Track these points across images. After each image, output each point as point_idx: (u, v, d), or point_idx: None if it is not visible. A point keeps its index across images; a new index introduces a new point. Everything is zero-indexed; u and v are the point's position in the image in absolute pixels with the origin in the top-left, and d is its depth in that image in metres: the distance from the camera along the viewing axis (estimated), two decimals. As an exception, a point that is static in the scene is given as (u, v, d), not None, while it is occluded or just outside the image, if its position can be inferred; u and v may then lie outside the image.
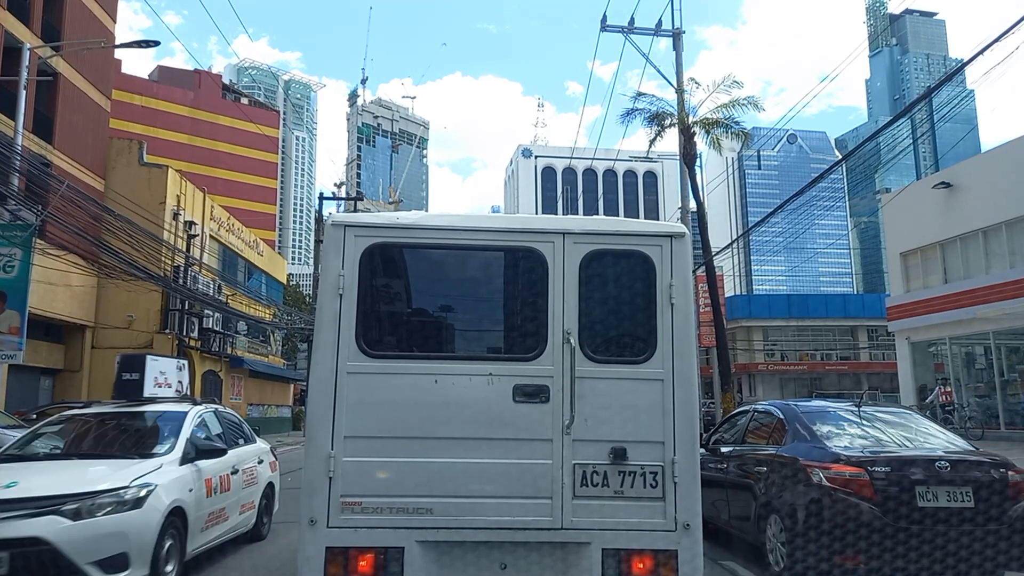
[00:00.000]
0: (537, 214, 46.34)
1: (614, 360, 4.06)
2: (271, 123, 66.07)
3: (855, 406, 6.77)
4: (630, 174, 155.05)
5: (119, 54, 44.18)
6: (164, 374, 21.00)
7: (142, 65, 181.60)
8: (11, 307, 16.19)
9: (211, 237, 31.09)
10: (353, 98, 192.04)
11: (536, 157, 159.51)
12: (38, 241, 17.38)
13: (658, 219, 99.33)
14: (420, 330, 4.34)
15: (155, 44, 19.64)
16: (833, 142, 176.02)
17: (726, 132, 20.11)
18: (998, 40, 10.21)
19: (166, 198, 26.85)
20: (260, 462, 8.10)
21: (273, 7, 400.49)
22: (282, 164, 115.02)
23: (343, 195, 53.98)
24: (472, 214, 5.08)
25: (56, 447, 6.68)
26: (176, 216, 27.26)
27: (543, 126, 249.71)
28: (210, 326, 29.37)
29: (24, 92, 18.55)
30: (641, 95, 20.67)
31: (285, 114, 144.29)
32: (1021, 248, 21.13)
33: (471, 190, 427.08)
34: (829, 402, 7.77)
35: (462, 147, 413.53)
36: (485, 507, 3.83)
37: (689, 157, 19.68)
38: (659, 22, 19.61)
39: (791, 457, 6.08)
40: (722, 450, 7.56)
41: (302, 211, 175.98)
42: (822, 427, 6.27)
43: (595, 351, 4.03)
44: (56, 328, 24.18)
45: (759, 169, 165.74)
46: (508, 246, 4.21)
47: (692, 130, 19.60)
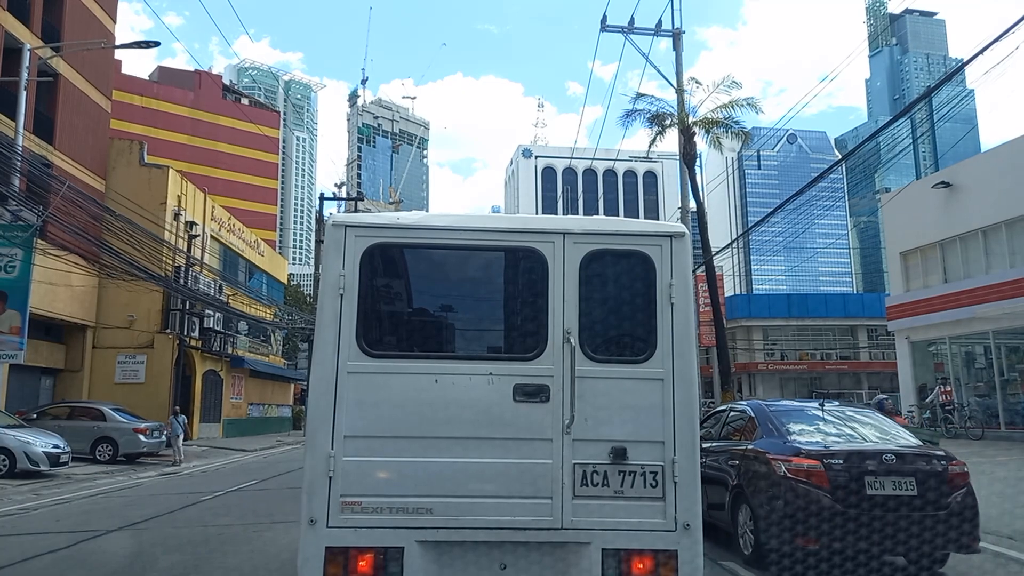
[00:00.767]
0: (537, 214, 46.34)
1: (614, 360, 4.06)
2: (271, 123, 66.05)
3: (819, 406, 7.39)
4: (630, 174, 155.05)
5: (119, 54, 44.24)
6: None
7: (143, 65, 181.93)
8: (12, 307, 16.21)
9: (212, 237, 31.11)
10: (353, 98, 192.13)
11: (536, 157, 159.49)
12: (39, 241, 17.39)
13: (658, 219, 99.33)
14: (420, 330, 4.34)
15: (155, 45, 19.66)
16: (833, 142, 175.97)
17: (726, 132, 20.13)
18: (998, 40, 10.22)
19: (167, 198, 26.86)
20: None
21: (275, 8, 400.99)
22: (282, 164, 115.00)
23: (343, 195, 53.95)
24: (472, 214, 5.08)
25: None
26: (177, 216, 27.27)
27: (543, 126, 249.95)
28: (211, 326, 29.39)
29: (24, 93, 18.57)
30: (641, 96, 20.71)
31: (285, 114, 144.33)
32: (1021, 248, 21.12)
33: (471, 190, 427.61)
34: (796, 402, 8.43)
35: (463, 147, 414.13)
36: (485, 507, 3.83)
37: (689, 157, 19.69)
38: (659, 22, 19.64)
39: (759, 451, 6.72)
40: (702, 445, 7.97)
41: (303, 211, 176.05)
42: (788, 424, 6.92)
43: (595, 351, 4.03)
44: (57, 328, 24.20)
45: (759, 169, 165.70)
46: (508, 246, 4.21)
47: (692, 130, 19.61)
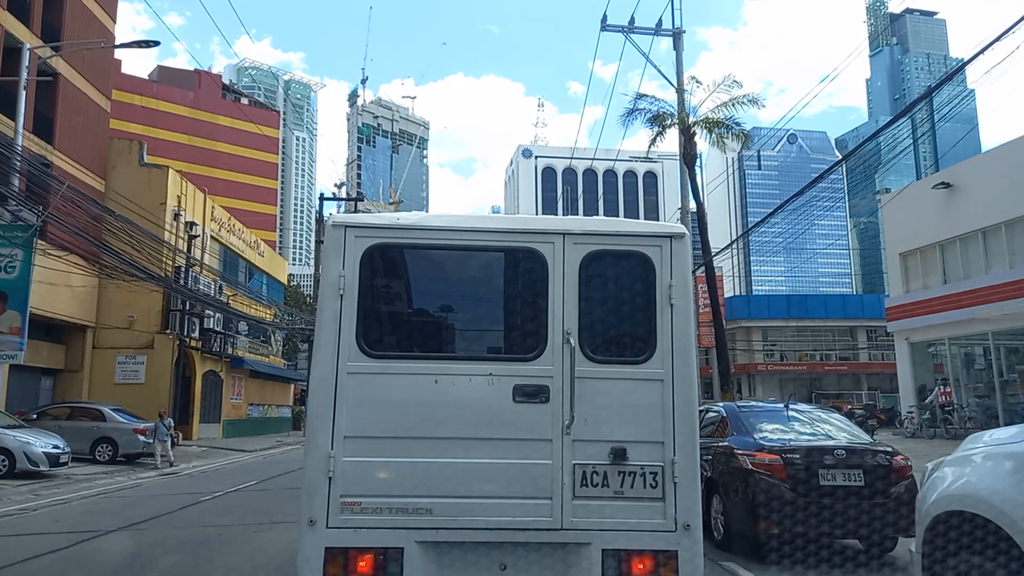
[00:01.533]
0: (537, 214, 46.36)
1: (614, 360, 4.06)
2: (271, 123, 66.04)
3: (785, 407, 8.25)
4: (630, 174, 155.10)
5: (119, 54, 44.22)
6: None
7: (144, 65, 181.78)
8: (12, 307, 16.20)
9: (212, 238, 31.11)
10: (353, 98, 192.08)
11: (536, 157, 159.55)
12: (39, 242, 17.39)
13: (658, 219, 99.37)
14: (420, 330, 4.34)
15: (155, 44, 19.67)
16: (833, 142, 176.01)
17: (727, 132, 20.14)
18: (998, 40, 10.22)
19: (166, 198, 26.86)
20: None
21: (277, 7, 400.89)
22: (282, 164, 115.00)
23: (343, 195, 53.89)
24: (472, 215, 5.08)
25: None
26: (177, 216, 27.27)
27: (543, 126, 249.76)
28: (211, 326, 29.40)
29: (24, 92, 18.56)
30: (642, 96, 20.70)
31: (285, 114, 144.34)
32: (1021, 248, 21.13)
33: (472, 190, 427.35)
34: (764, 403, 9.21)
35: (463, 147, 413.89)
36: (485, 507, 3.83)
37: (689, 157, 19.69)
38: (659, 22, 19.63)
39: (728, 446, 7.48)
40: None
41: (303, 212, 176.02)
42: (755, 423, 7.71)
43: (595, 351, 4.02)
44: (57, 328, 24.19)
45: (759, 169, 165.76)
46: (508, 247, 4.21)
47: (692, 130, 19.61)
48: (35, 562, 7.17)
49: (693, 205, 20.14)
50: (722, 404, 8.93)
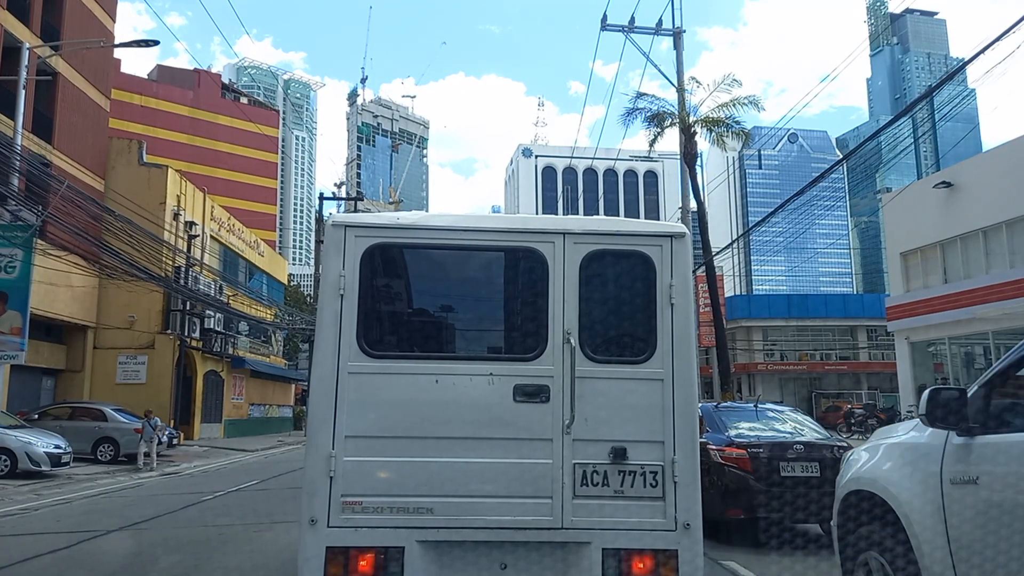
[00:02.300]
0: (537, 214, 46.35)
1: (614, 360, 4.06)
2: (271, 123, 66.07)
3: (754, 407, 9.12)
4: (631, 174, 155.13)
5: (119, 54, 44.23)
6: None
7: (144, 65, 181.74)
8: (12, 308, 16.20)
9: (212, 237, 31.11)
10: (353, 97, 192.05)
11: (536, 157, 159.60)
12: (39, 242, 17.39)
13: (658, 219, 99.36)
14: (421, 330, 4.34)
15: (154, 44, 19.64)
16: (834, 141, 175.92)
17: (727, 131, 20.14)
18: (999, 39, 10.22)
19: (166, 198, 26.86)
20: None
21: (278, 7, 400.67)
22: (282, 164, 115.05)
23: (343, 195, 53.94)
24: (472, 214, 5.08)
25: None
26: (176, 216, 27.27)
27: (544, 125, 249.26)
28: (211, 326, 29.40)
29: (24, 92, 18.56)
30: (642, 95, 20.72)
31: (285, 114, 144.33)
32: (1021, 248, 21.13)
33: (472, 190, 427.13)
34: (738, 404, 10.16)
35: (464, 147, 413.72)
36: (485, 507, 3.83)
37: (690, 156, 19.69)
38: (659, 21, 19.64)
39: (704, 442, 7.82)
40: None
41: (302, 211, 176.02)
42: (727, 421, 8.42)
43: (595, 351, 4.02)
44: (57, 328, 24.20)
45: (760, 169, 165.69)
46: (508, 246, 4.21)
47: (693, 129, 19.62)
48: (36, 562, 7.17)
49: (693, 204, 20.14)
50: (701, 404, 9.60)
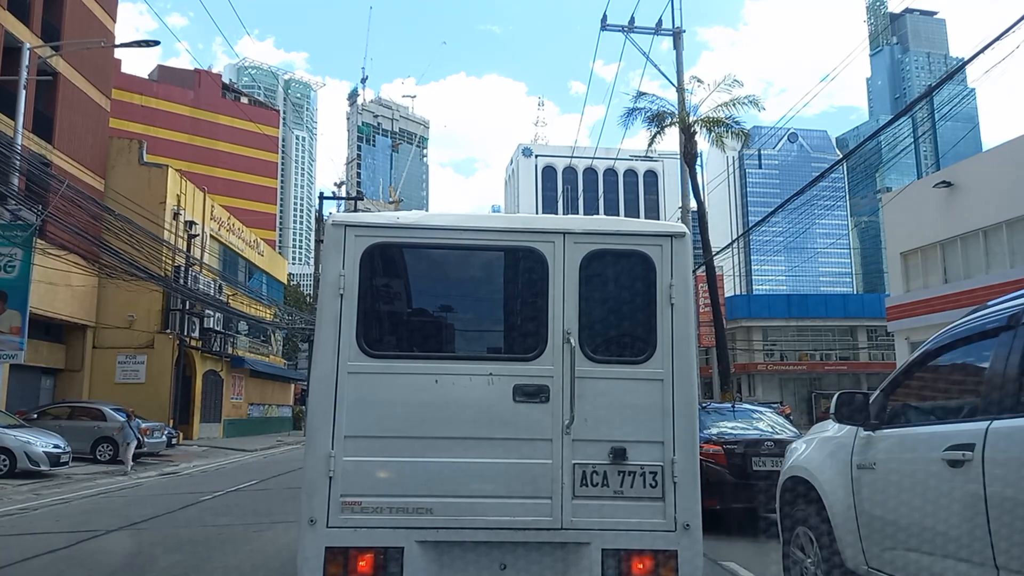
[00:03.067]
0: (537, 214, 46.34)
1: (614, 360, 4.05)
2: (271, 122, 66.07)
3: (731, 407, 9.87)
4: (631, 173, 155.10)
5: (119, 54, 44.19)
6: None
7: (145, 65, 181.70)
8: (12, 307, 16.20)
9: (211, 237, 31.11)
10: (353, 97, 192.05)
11: (536, 156, 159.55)
12: (38, 241, 17.39)
13: (658, 218, 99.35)
14: (420, 330, 4.33)
15: (155, 44, 19.67)
16: (834, 141, 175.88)
17: (727, 131, 20.13)
18: (999, 39, 10.22)
19: (166, 198, 26.86)
20: None
21: (279, 7, 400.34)
22: (282, 164, 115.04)
23: (343, 195, 53.95)
24: (472, 214, 5.07)
25: None
26: (176, 216, 27.27)
27: (544, 125, 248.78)
28: (211, 326, 29.39)
29: (24, 92, 18.55)
30: (642, 95, 20.69)
31: (285, 113, 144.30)
32: (1021, 248, 21.12)
33: (472, 190, 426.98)
34: (717, 404, 10.85)
35: (464, 147, 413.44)
36: (485, 507, 3.83)
37: (690, 156, 19.67)
38: (659, 22, 19.63)
39: None
40: None
41: (302, 211, 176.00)
42: (706, 420, 8.88)
43: (595, 351, 4.02)
44: (57, 328, 24.20)
45: (760, 168, 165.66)
46: (508, 246, 4.20)
47: (693, 129, 19.60)
48: (35, 561, 7.16)
49: (694, 204, 20.13)
50: None
